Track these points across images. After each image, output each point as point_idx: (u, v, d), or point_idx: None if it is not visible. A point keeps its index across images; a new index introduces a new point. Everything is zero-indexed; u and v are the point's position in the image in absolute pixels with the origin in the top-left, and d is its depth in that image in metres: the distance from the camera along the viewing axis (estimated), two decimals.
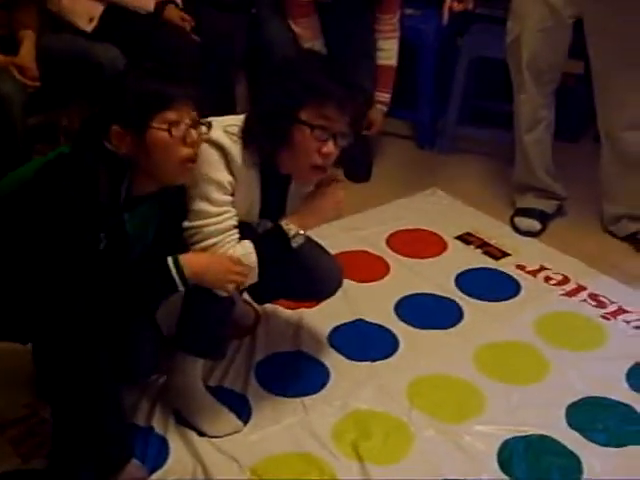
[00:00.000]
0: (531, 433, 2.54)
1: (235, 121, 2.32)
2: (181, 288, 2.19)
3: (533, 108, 3.50)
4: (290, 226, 2.37)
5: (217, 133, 2.26)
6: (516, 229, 3.66)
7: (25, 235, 2.10)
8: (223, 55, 3.80)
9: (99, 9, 3.60)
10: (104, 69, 3.37)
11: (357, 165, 3.99)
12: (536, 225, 3.65)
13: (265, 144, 2.29)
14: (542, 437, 2.54)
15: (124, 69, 3.22)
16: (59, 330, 2.06)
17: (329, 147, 2.28)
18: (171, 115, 2.13)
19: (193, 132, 2.17)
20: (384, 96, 3.85)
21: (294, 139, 2.27)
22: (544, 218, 3.68)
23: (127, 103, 2.12)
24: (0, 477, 1.80)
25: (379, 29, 3.81)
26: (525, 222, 3.66)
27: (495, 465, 2.43)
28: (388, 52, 3.84)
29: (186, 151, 2.16)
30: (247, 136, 2.30)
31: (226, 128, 2.29)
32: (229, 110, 3.57)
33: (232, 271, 2.27)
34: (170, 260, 2.17)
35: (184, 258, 2.19)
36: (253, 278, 2.36)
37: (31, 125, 3.42)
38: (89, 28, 3.58)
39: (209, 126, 2.24)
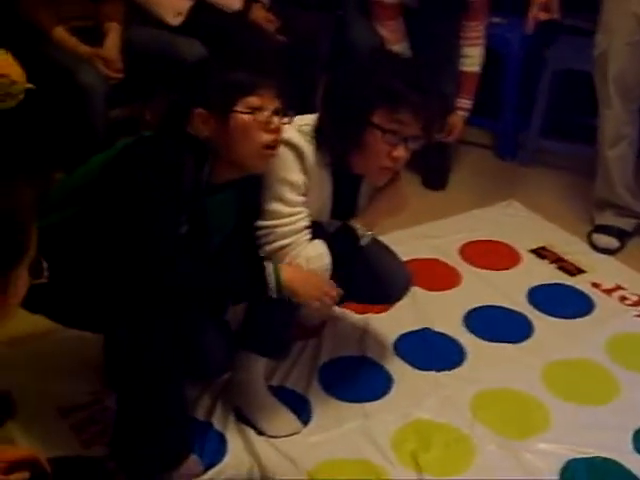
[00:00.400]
0: (595, 455, 2.48)
1: (308, 120, 2.32)
2: (273, 295, 2.18)
3: (617, 124, 3.43)
4: (358, 225, 2.38)
5: (291, 133, 2.26)
6: (594, 246, 3.59)
7: (107, 220, 2.12)
8: (307, 56, 3.81)
9: (187, 4, 3.64)
10: (187, 65, 3.40)
11: (434, 173, 3.97)
12: (614, 243, 3.57)
13: (336, 145, 2.28)
14: (606, 460, 2.48)
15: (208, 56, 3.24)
16: (135, 320, 2.09)
17: (399, 151, 2.26)
18: (255, 101, 2.13)
19: (275, 119, 2.17)
20: (466, 102, 3.81)
21: (365, 141, 2.25)
22: (623, 236, 3.60)
23: (212, 86, 2.12)
24: (61, 461, 1.81)
25: (465, 36, 3.77)
26: (603, 239, 3.59)
27: None
28: (473, 59, 3.79)
29: (267, 137, 2.16)
30: (319, 136, 2.29)
31: (300, 128, 2.28)
32: (309, 112, 3.59)
33: (325, 293, 2.25)
34: (271, 267, 2.17)
35: (285, 269, 2.19)
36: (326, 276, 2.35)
37: (113, 118, 3.46)
38: (176, 22, 3.61)
39: (292, 116, 2.23)
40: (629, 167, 3.54)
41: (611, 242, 3.58)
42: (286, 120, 2.20)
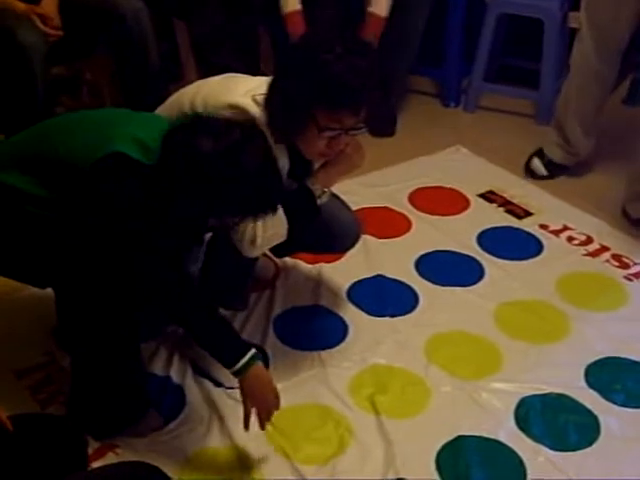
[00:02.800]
0: (549, 391, 2.53)
1: (262, 88, 2.27)
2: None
3: (586, 57, 3.39)
4: (316, 185, 2.38)
5: (245, 101, 2.24)
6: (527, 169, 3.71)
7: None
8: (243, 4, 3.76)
9: None
10: (127, 20, 3.35)
11: (381, 121, 3.96)
12: (542, 170, 3.68)
13: (279, 130, 2.25)
14: (560, 396, 2.53)
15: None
16: (84, 277, 2.08)
17: (339, 142, 2.26)
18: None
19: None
20: None
21: (306, 134, 2.23)
22: (555, 168, 3.69)
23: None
24: (21, 418, 1.81)
25: None
26: (535, 163, 3.69)
27: (512, 422, 2.43)
28: (381, 1, 3.67)
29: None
30: (268, 111, 2.26)
31: (255, 97, 2.25)
32: (253, 67, 3.56)
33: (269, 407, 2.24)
34: (248, 355, 2.16)
35: (255, 369, 2.18)
36: (282, 239, 2.36)
37: (54, 76, 3.40)
38: None
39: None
40: (589, 102, 3.53)
41: (540, 169, 3.67)
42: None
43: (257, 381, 2.17)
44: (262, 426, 2.21)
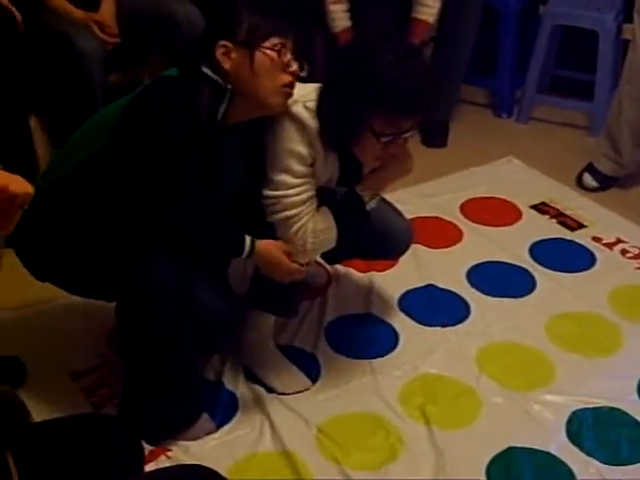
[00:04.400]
0: (601, 405, 2.51)
1: (313, 96, 2.28)
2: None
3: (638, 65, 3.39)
4: (365, 191, 2.38)
5: (297, 108, 2.25)
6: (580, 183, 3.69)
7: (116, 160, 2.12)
8: (301, 9, 3.77)
9: None
10: (182, 28, 3.39)
11: (434, 131, 3.97)
12: (593, 183, 3.66)
13: (333, 137, 2.27)
14: (612, 409, 2.50)
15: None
16: (141, 283, 2.10)
17: (395, 146, 2.25)
18: (280, 42, 2.15)
19: (294, 63, 2.19)
20: None
21: (361, 141, 2.23)
22: (607, 181, 3.67)
23: (243, 21, 2.13)
24: (75, 419, 1.84)
25: None
26: (587, 178, 3.68)
27: (563, 435, 2.41)
28: (429, 9, 3.67)
29: (287, 77, 2.17)
30: (320, 118, 2.26)
31: (306, 104, 2.26)
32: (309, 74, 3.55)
33: (292, 274, 2.33)
34: (248, 241, 2.21)
35: (261, 246, 2.24)
36: (332, 245, 2.38)
37: (111, 83, 3.45)
38: None
39: (303, 67, 2.22)
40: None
41: (590, 181, 3.66)
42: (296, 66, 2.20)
43: (267, 253, 2.26)
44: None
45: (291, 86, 2.19)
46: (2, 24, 2.88)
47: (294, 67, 2.18)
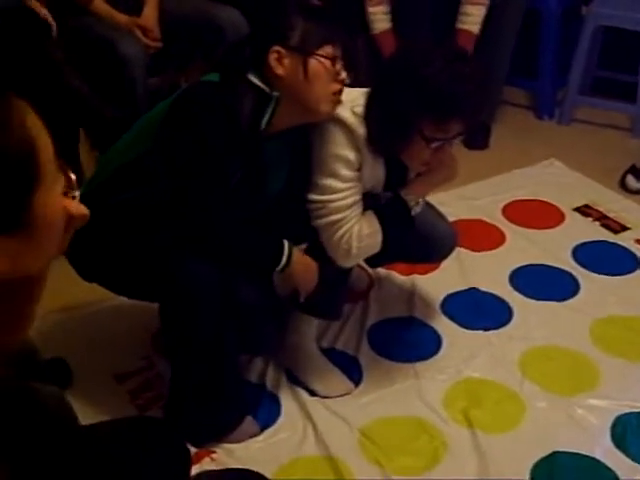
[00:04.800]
0: None
1: (360, 100, 2.29)
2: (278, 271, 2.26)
3: None
4: (410, 197, 2.38)
5: (345, 113, 2.26)
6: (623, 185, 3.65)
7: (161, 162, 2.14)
8: (343, 17, 3.79)
9: None
10: (225, 33, 3.41)
11: (475, 133, 3.95)
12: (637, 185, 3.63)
13: (381, 142, 2.28)
14: None
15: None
16: (186, 284, 2.11)
17: (443, 151, 2.26)
18: (332, 50, 2.16)
19: (344, 71, 2.20)
20: None
21: (410, 145, 2.23)
22: None
23: (298, 27, 2.14)
24: (121, 422, 1.85)
25: None
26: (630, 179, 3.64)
27: (608, 440, 2.40)
28: (473, 17, 3.69)
29: (337, 85, 2.19)
30: (368, 122, 2.27)
31: (353, 109, 2.27)
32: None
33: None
34: (286, 247, 2.22)
35: (297, 256, 2.25)
36: (377, 249, 2.38)
37: (152, 86, 3.48)
38: None
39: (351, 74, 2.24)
40: None
41: (634, 183, 3.63)
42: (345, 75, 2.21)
43: (299, 263, 2.26)
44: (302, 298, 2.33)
45: (340, 94, 2.20)
46: (38, 31, 2.91)
47: (343, 75, 2.19)
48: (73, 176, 1.13)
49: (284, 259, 2.22)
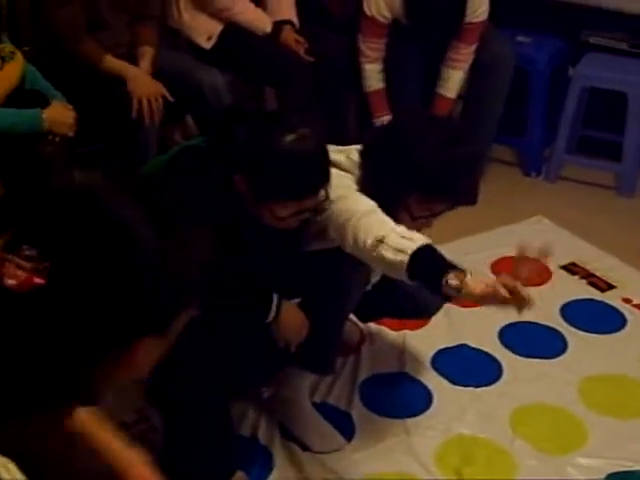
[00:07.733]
0: (636, 468, 2.52)
1: (356, 154, 2.32)
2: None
3: None
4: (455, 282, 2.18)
5: (339, 157, 2.30)
6: None
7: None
8: (335, 76, 3.86)
9: (218, 28, 3.69)
10: (206, 97, 3.45)
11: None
12: None
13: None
14: None
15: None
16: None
17: (428, 224, 2.31)
18: (304, 204, 2.16)
19: (305, 214, 2.21)
20: None
21: (397, 215, 2.23)
22: None
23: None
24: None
25: (450, 57, 3.76)
26: None
27: None
28: (452, 83, 3.79)
29: (288, 223, 2.21)
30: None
31: (348, 155, 2.31)
32: (341, 136, 3.62)
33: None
34: (275, 299, 2.25)
35: (286, 308, 2.29)
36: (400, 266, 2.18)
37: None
38: (207, 45, 3.68)
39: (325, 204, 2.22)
40: None
41: None
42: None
43: (288, 315, 2.30)
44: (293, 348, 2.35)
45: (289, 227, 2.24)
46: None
47: (298, 220, 2.21)
48: None
49: (273, 310, 2.24)
